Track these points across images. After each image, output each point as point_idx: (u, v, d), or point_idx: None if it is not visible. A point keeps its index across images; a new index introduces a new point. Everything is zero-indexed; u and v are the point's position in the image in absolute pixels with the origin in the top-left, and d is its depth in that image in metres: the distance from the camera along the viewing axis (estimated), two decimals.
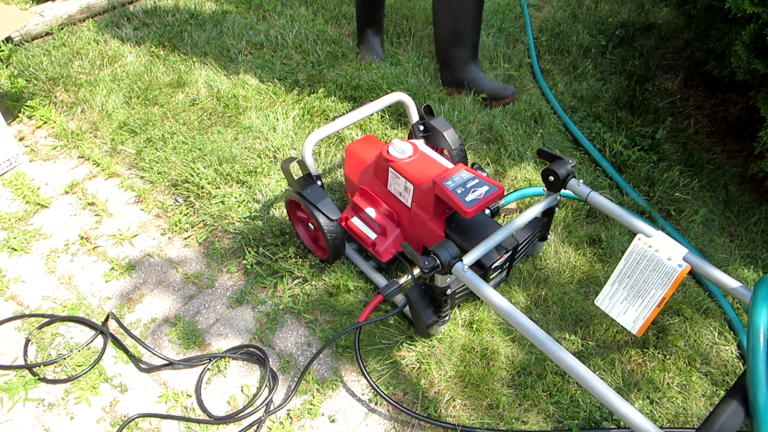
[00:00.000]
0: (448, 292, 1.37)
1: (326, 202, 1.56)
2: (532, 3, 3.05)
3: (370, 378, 1.44)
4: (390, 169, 1.53)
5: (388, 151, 1.55)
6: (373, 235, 1.63)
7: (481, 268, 1.43)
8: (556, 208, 1.57)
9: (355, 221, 1.67)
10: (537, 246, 1.73)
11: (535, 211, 1.48)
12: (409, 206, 1.54)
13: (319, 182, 1.61)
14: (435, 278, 1.33)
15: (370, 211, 1.64)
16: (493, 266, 1.44)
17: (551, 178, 1.49)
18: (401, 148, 1.54)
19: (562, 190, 1.50)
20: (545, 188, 1.53)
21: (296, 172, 1.86)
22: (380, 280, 1.65)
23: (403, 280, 1.54)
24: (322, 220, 1.55)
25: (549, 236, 1.71)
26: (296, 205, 1.71)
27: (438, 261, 1.26)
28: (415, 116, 1.76)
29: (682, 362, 1.55)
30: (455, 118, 2.23)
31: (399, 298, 1.60)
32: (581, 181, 1.47)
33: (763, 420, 1.00)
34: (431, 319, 1.43)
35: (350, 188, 1.78)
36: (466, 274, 1.27)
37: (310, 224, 1.68)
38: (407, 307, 1.50)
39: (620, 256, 1.80)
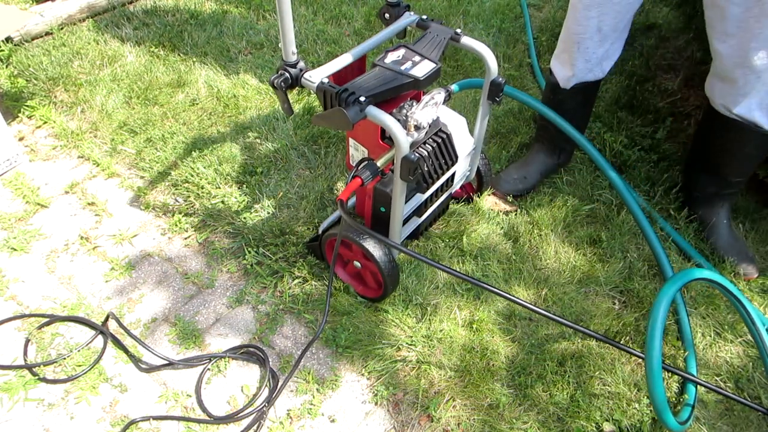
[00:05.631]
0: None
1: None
2: (532, 3, 3.05)
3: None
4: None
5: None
6: None
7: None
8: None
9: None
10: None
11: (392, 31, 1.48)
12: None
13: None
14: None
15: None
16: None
17: (387, 15, 1.51)
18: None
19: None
20: (384, 24, 1.53)
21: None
22: None
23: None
24: (381, 261, 1.50)
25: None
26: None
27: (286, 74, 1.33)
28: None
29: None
30: None
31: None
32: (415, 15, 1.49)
33: None
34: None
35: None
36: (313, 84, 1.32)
37: (356, 262, 1.62)
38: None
39: (620, 256, 1.80)
